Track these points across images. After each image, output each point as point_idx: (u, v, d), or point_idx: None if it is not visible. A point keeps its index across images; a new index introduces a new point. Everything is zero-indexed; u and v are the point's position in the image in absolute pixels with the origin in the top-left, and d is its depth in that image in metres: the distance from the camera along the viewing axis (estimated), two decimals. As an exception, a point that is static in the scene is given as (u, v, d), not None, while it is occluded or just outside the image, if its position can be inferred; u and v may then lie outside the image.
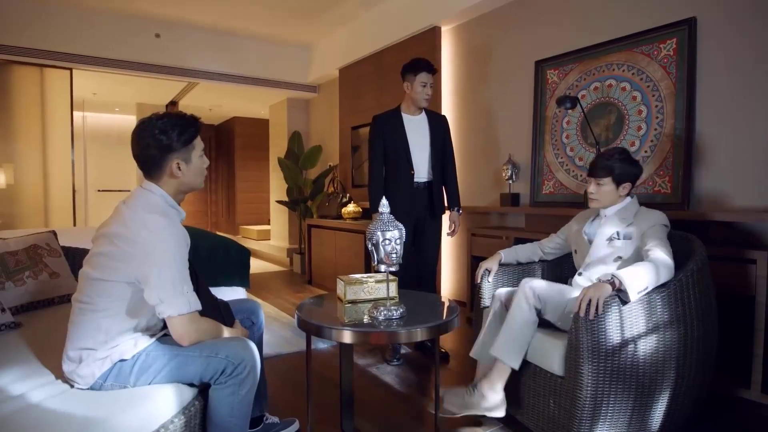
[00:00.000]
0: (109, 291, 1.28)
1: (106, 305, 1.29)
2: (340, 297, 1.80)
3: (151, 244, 1.24)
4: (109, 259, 1.27)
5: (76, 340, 1.29)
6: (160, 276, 1.23)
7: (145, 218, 1.27)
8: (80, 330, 1.29)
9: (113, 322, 1.29)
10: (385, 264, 1.48)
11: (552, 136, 3.11)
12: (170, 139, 1.32)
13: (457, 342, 3.03)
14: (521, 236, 3.02)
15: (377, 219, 1.51)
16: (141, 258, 1.24)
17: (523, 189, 3.34)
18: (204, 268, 2.96)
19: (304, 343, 2.77)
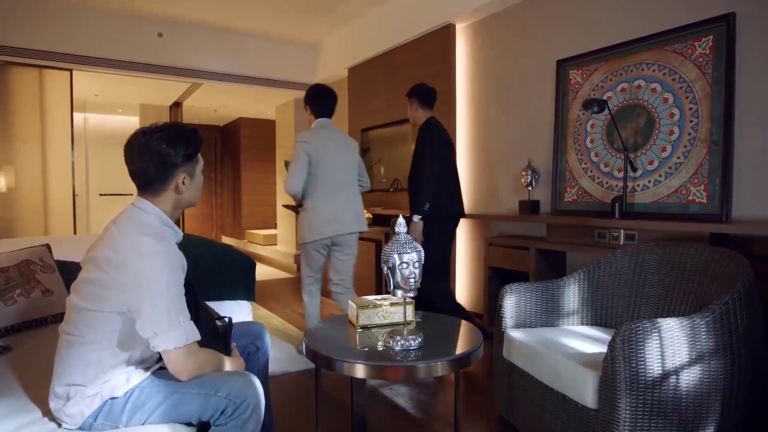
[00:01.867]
0: (99, 322, 1.19)
1: (96, 337, 1.20)
2: (351, 321, 1.69)
3: (144, 271, 1.15)
4: (97, 286, 1.18)
5: (63, 375, 1.21)
6: (153, 307, 1.14)
7: (137, 241, 1.18)
8: (68, 364, 1.21)
9: (104, 356, 1.20)
10: (403, 289, 1.37)
11: (575, 140, 2.99)
12: (177, 153, 1.26)
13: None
14: (543, 247, 2.92)
15: (394, 239, 1.40)
16: (133, 286, 1.15)
17: (543, 196, 3.23)
18: (207, 281, 2.89)
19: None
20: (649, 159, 2.59)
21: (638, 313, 2.07)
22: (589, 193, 2.89)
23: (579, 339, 1.93)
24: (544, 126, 3.23)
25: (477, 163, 3.79)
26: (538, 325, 2.15)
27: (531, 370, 1.87)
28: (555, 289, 2.19)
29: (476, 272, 3.80)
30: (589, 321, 2.19)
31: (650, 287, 2.06)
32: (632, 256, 2.17)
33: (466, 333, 1.62)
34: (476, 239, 3.79)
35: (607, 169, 2.81)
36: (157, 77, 4.84)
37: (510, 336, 2.01)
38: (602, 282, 2.20)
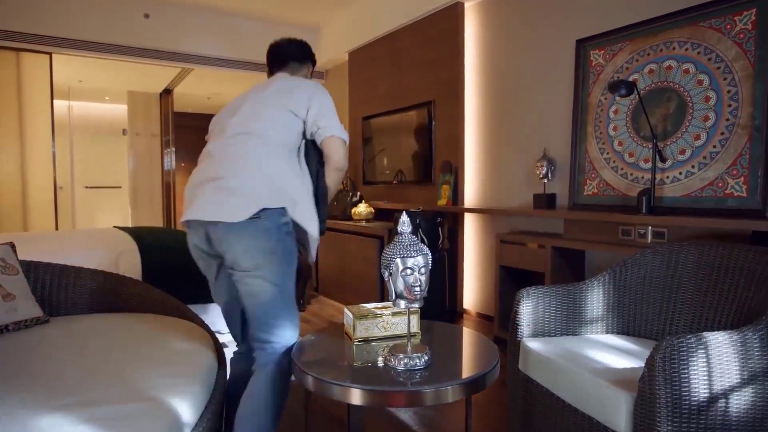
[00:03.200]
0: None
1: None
2: (348, 333, 1.52)
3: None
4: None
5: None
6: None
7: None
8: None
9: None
10: (407, 299, 1.20)
11: (596, 128, 2.81)
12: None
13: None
14: (560, 244, 2.75)
15: (396, 241, 1.23)
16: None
17: (560, 189, 3.06)
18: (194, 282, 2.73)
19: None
20: (681, 148, 2.40)
21: (672, 321, 1.90)
22: (612, 186, 2.71)
23: (605, 351, 1.76)
24: (562, 113, 3.05)
25: (487, 154, 3.62)
26: (558, 333, 1.98)
27: (551, 386, 1.70)
28: (577, 293, 2.02)
29: (486, 272, 3.64)
30: (615, 329, 2.02)
31: (686, 293, 1.89)
32: (664, 256, 1.99)
33: (479, 348, 1.45)
34: (487, 236, 3.63)
35: (632, 159, 2.63)
36: (143, 62, 4.66)
37: (527, 346, 1.84)
38: (630, 286, 2.03)
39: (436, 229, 3.57)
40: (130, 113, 6.14)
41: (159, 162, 6.30)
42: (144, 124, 6.20)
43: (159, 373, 1.46)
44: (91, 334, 1.80)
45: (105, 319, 2.02)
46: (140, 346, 1.69)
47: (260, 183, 1.37)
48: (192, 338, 1.83)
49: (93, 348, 1.64)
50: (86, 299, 2.15)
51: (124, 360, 1.53)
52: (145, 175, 6.24)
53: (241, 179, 1.38)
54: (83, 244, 2.72)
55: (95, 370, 1.45)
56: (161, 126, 6.27)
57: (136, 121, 6.17)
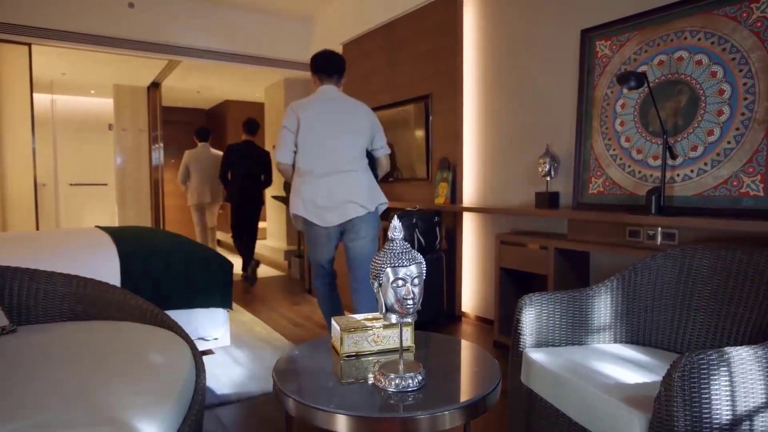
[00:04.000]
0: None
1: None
2: (335, 346, 1.42)
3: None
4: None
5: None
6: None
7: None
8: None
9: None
10: (398, 313, 1.10)
11: (602, 123, 2.71)
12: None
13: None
14: (563, 246, 2.66)
15: (386, 248, 1.12)
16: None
17: (563, 187, 2.97)
18: (177, 286, 2.63)
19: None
20: (692, 144, 2.30)
21: (685, 331, 1.80)
22: (618, 184, 2.61)
23: (615, 363, 1.66)
24: (566, 107, 2.95)
25: (487, 150, 3.52)
26: (563, 343, 1.89)
27: (556, 401, 1.60)
28: (583, 300, 1.92)
29: (486, 274, 3.55)
30: (623, 338, 1.92)
31: (700, 300, 1.79)
32: (677, 260, 1.89)
33: (478, 364, 1.35)
34: (486, 236, 3.53)
35: (640, 156, 2.53)
36: (128, 53, 4.53)
37: (530, 358, 1.74)
38: (640, 292, 1.93)
39: (434, 228, 3.48)
40: (117, 107, 6.01)
41: (147, 158, 6.18)
42: (131, 118, 6.08)
43: (130, 390, 1.35)
44: (60, 345, 1.69)
45: (77, 328, 1.91)
46: (112, 358, 1.58)
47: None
48: (169, 349, 1.72)
49: (60, 361, 1.53)
50: (58, 306, 2.04)
51: (92, 375, 1.42)
52: (133, 171, 6.12)
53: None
54: (61, 246, 2.61)
55: (58, 386, 1.34)
56: (149, 121, 6.14)
57: (122, 116, 6.04)
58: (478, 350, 1.43)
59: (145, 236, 2.95)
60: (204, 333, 2.70)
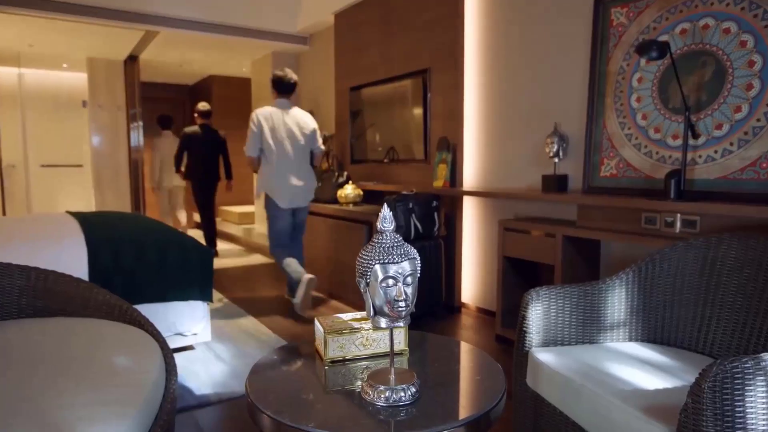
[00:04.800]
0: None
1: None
2: (318, 350, 1.31)
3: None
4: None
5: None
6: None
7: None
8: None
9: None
10: (388, 317, 0.99)
11: (616, 99, 2.58)
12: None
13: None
14: (572, 233, 2.58)
15: (375, 242, 1.01)
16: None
17: (573, 170, 2.87)
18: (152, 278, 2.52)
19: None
20: (717, 122, 2.18)
21: (708, 329, 1.70)
22: (633, 166, 2.50)
23: (631, 364, 1.56)
24: (576, 82, 2.84)
25: (490, 129, 3.42)
26: (573, 341, 1.79)
27: (566, 408, 1.51)
28: (596, 294, 1.82)
29: (488, 262, 3.47)
30: (639, 337, 1.83)
31: (726, 294, 1.69)
32: (700, 251, 1.79)
33: (480, 371, 1.24)
34: (488, 222, 3.44)
35: (658, 135, 2.41)
36: (102, 23, 4.35)
37: (537, 359, 1.65)
38: (658, 285, 1.83)
39: (432, 214, 3.40)
40: (91, 83, 5.82)
41: (125, 137, 6.01)
42: (107, 94, 5.90)
43: (87, 398, 1.25)
44: (15, 346, 1.59)
45: (35, 326, 1.80)
46: (70, 361, 1.48)
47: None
48: (137, 350, 1.62)
49: (13, 364, 1.43)
50: (15, 301, 1.93)
51: (49, 380, 1.32)
52: (110, 152, 5.96)
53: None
54: (24, 234, 2.49)
55: (7, 395, 1.24)
56: (126, 97, 5.97)
57: (97, 92, 5.86)
58: (480, 354, 1.33)
59: (119, 223, 2.83)
60: (182, 328, 2.60)
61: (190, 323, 2.62)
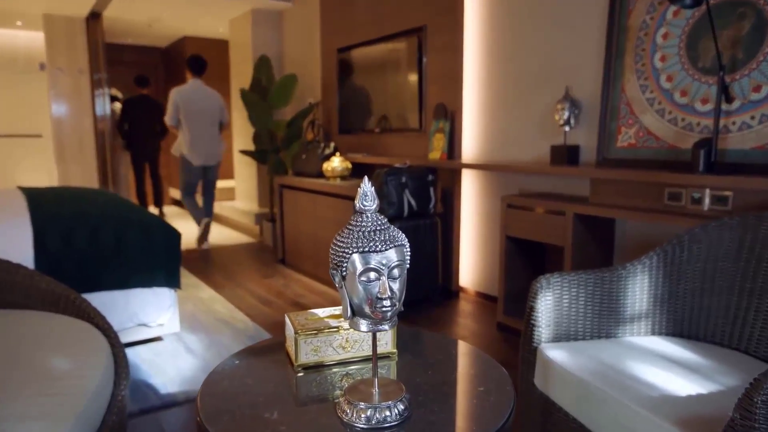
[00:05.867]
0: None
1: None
2: (289, 353, 1.16)
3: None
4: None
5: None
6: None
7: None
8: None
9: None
10: (370, 319, 0.83)
11: (637, 58, 2.43)
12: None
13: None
14: (584, 211, 2.49)
15: (353, 225, 0.85)
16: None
17: (585, 139, 2.76)
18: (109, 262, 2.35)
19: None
20: (755, 83, 2.02)
21: (745, 321, 1.57)
22: (655, 135, 2.37)
23: (657, 363, 1.43)
24: (591, 39, 2.71)
25: (492, 94, 3.29)
26: (588, 335, 1.67)
27: (582, 416, 1.38)
28: (614, 281, 1.69)
29: (489, 243, 3.38)
30: (664, 330, 1.70)
31: (766, 282, 1.55)
32: (735, 231, 1.65)
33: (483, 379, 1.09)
34: (488, 198, 3.34)
35: (684, 99, 2.26)
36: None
37: (547, 357, 1.52)
38: (686, 271, 1.69)
39: (427, 188, 3.29)
40: (49, 43, 5.55)
41: (90, 105, 5.77)
42: (68, 57, 5.63)
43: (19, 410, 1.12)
44: (-66, 346, 1.43)
45: (-37, 320, 1.64)
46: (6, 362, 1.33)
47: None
48: (81, 348, 1.48)
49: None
50: (-57, 291, 1.76)
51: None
52: (73, 121, 5.73)
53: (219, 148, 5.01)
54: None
55: None
56: (90, 60, 5.70)
57: (56, 53, 5.59)
58: (484, 359, 1.18)
59: (74, 199, 2.66)
60: (145, 318, 2.45)
61: (155, 313, 2.47)
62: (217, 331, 2.91)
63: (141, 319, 2.43)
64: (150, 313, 2.44)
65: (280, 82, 5.06)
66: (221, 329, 2.95)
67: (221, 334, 2.87)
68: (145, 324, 2.47)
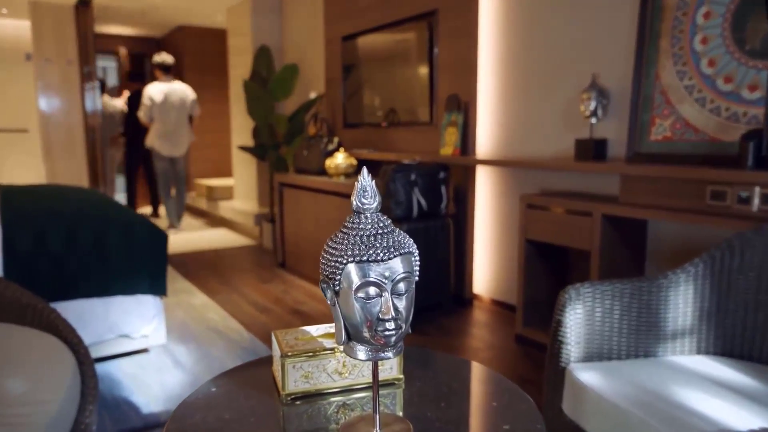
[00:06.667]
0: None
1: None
2: (275, 379, 1.03)
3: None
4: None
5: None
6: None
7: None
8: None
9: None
10: (371, 345, 0.70)
11: (674, 41, 2.32)
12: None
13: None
14: (614, 211, 2.39)
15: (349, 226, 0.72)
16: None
17: (614, 132, 2.66)
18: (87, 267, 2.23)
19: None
20: (811, 67, 1.87)
21: (809, 340, 1.41)
22: (695, 127, 2.25)
23: (708, 389, 1.30)
24: (622, 20, 2.60)
25: (510, 84, 3.21)
26: (624, 354, 1.53)
27: (622, 451, 1.23)
28: (654, 292, 1.56)
29: (507, 246, 3.31)
30: (712, 348, 1.56)
31: (834, 295, 1.40)
32: (796, 236, 1.49)
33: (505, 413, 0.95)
34: (506, 198, 3.27)
35: (729, 86, 2.13)
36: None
37: (578, 380, 1.38)
38: (738, 281, 1.55)
39: (438, 187, 3.19)
40: (36, 32, 5.47)
41: (79, 98, 5.69)
42: (56, 46, 5.55)
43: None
44: None
45: None
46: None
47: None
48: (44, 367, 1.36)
49: None
50: None
51: None
52: (61, 115, 5.65)
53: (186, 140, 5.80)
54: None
55: None
56: (79, 50, 5.62)
57: (44, 44, 5.51)
58: (506, 386, 1.04)
59: (49, 197, 2.55)
60: (127, 329, 2.33)
61: (138, 323, 2.36)
62: (209, 342, 2.80)
63: (122, 330, 2.31)
64: (132, 323, 2.33)
65: (280, 73, 4.96)
66: (213, 340, 2.84)
67: (213, 346, 2.76)
68: (127, 335, 2.35)
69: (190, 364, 2.52)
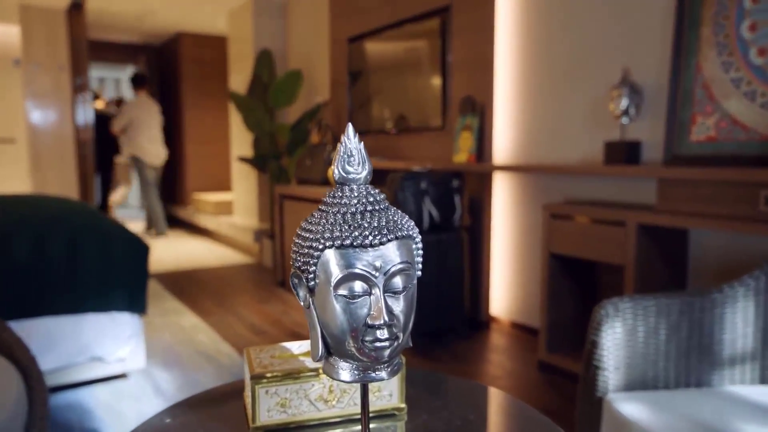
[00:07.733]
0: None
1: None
2: (246, 408, 0.87)
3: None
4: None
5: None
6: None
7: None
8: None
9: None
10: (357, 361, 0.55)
11: (717, 29, 2.23)
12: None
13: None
14: (650, 221, 2.27)
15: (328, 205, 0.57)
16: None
17: (648, 133, 2.56)
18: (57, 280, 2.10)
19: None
20: None
21: None
22: (743, 124, 2.15)
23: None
24: (655, 8, 2.53)
25: (531, 82, 3.15)
26: (673, 383, 1.38)
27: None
28: (707, 308, 1.40)
29: (527, 262, 3.22)
30: (778, 376, 1.37)
31: None
32: None
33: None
34: (527, 207, 3.20)
35: (782, 77, 1.98)
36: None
37: (619, 413, 1.22)
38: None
39: (451, 196, 3.12)
40: (26, 36, 5.48)
41: (69, 106, 5.66)
42: (46, 52, 5.55)
43: None
44: None
45: None
46: None
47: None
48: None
49: None
50: None
51: None
52: (51, 124, 5.62)
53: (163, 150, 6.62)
54: None
55: None
56: (71, 56, 5.60)
57: (34, 48, 5.52)
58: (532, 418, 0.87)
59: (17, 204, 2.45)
60: (101, 351, 2.20)
61: (113, 344, 2.22)
62: (196, 367, 2.67)
63: (94, 352, 2.18)
64: (105, 344, 2.19)
65: (282, 79, 4.92)
66: (201, 365, 2.71)
67: (200, 371, 2.63)
68: (99, 358, 2.21)
69: (172, 391, 2.39)
